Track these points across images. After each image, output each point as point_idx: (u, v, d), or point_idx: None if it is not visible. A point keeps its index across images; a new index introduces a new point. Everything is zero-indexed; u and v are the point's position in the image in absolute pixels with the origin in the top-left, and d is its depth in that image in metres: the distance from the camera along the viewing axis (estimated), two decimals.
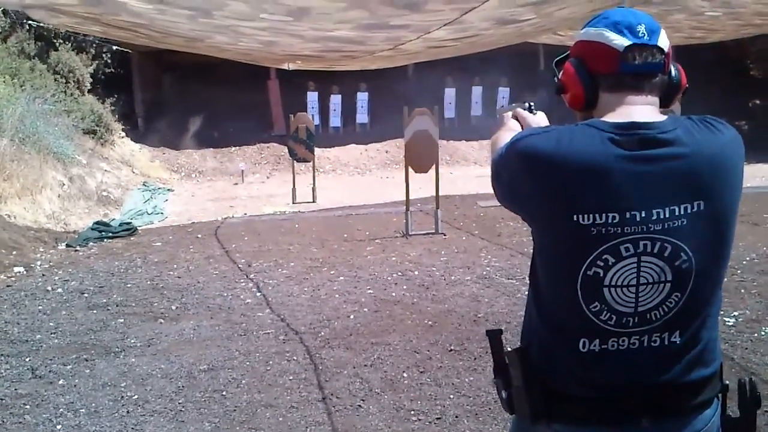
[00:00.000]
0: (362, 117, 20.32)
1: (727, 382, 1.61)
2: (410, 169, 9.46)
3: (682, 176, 1.45)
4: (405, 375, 4.34)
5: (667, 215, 1.44)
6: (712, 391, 1.56)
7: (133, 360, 4.90)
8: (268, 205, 13.07)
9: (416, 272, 7.22)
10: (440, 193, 9.63)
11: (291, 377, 4.39)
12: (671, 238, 1.44)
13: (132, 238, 9.92)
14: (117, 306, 6.37)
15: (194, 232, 10.38)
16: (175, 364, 4.74)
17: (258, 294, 6.63)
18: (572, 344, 1.51)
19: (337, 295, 6.45)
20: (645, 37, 1.50)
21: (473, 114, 20.84)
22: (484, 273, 7.03)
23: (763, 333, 4.92)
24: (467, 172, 17.44)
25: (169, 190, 15.22)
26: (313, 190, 13.43)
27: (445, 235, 9.22)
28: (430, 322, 5.44)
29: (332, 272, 7.41)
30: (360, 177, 17.68)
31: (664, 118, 1.51)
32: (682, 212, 1.44)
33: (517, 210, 1.64)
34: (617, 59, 1.51)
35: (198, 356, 4.88)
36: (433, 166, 9.35)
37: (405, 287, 6.64)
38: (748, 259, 7.12)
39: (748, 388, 1.55)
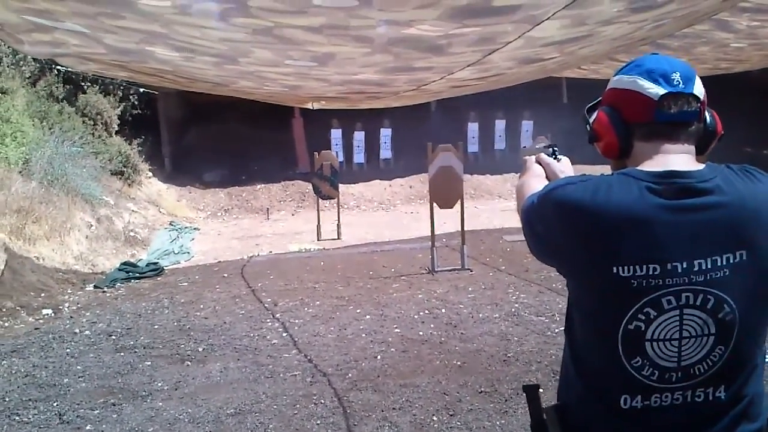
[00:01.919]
0: (386, 153, 20.40)
1: None
2: (435, 205, 9.41)
3: (723, 226, 1.42)
4: (435, 418, 4.27)
5: (709, 266, 1.40)
6: None
7: (161, 404, 4.87)
8: (294, 243, 13.09)
9: (443, 310, 7.16)
10: (465, 228, 9.58)
11: (319, 421, 4.34)
12: (714, 290, 1.41)
13: (159, 279, 9.96)
14: (144, 348, 6.37)
15: (220, 271, 10.41)
16: (202, 408, 4.71)
17: (284, 334, 6.60)
18: (613, 401, 1.46)
19: (363, 335, 6.39)
20: (680, 86, 1.49)
21: (497, 148, 20.85)
22: (513, 310, 6.94)
23: None
24: (492, 206, 17.38)
25: (195, 229, 15.31)
26: (338, 226, 13.44)
27: (471, 270, 9.15)
28: (459, 363, 5.36)
29: (358, 311, 7.36)
30: (384, 213, 17.68)
31: (702, 166, 1.48)
32: (724, 263, 1.40)
33: (553, 262, 1.59)
34: (652, 108, 1.49)
35: (225, 400, 4.85)
36: (459, 202, 9.32)
37: (432, 326, 6.57)
38: None
39: None
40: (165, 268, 10.62)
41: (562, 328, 1.66)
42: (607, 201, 1.43)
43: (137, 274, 9.98)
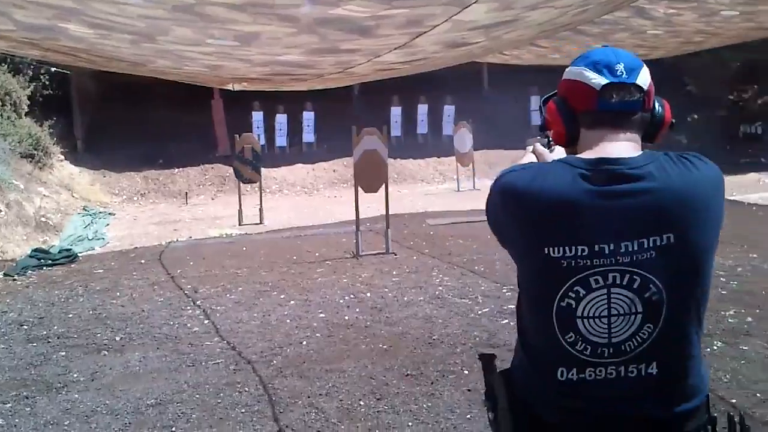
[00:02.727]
0: (309, 136, 20.21)
1: (716, 414, 1.60)
2: (360, 189, 9.36)
3: (650, 210, 1.48)
4: (361, 403, 4.23)
5: (635, 248, 1.47)
6: (697, 424, 1.55)
7: (77, 396, 4.68)
8: (214, 228, 12.83)
9: (368, 294, 7.12)
10: (381, 212, 9.58)
11: (243, 410, 4.24)
12: (640, 270, 1.48)
13: (73, 266, 9.60)
14: (58, 338, 6.12)
15: (137, 257, 10.11)
16: (120, 400, 4.54)
17: (206, 322, 6.44)
18: (551, 373, 1.54)
19: (288, 320, 6.30)
20: (623, 76, 1.55)
21: (419, 132, 20.92)
22: (437, 293, 6.96)
23: None
24: (414, 190, 17.48)
25: (110, 214, 14.84)
26: (260, 211, 13.23)
27: (396, 254, 9.14)
28: (384, 347, 5.34)
29: (282, 296, 7.25)
30: (307, 197, 17.54)
31: (637, 153, 1.55)
32: (650, 245, 1.47)
33: (502, 242, 1.68)
34: (595, 98, 1.56)
35: (145, 390, 4.69)
36: (383, 186, 9.29)
37: (358, 310, 6.53)
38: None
39: (738, 422, 1.55)
40: (79, 254, 10.23)
41: (485, 310, 1.76)
42: (541, 187, 1.52)
43: (49, 261, 9.59)
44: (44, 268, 9.35)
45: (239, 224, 12.98)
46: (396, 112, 20.77)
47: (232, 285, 7.90)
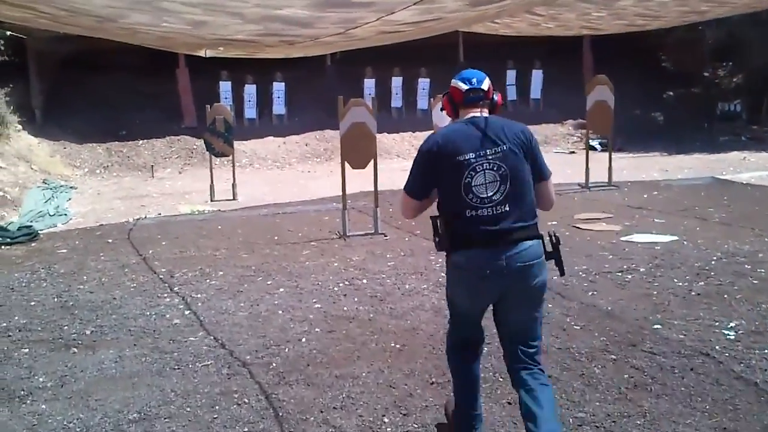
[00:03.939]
0: (279, 108, 19.40)
1: (542, 233, 3.05)
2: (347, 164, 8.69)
3: (494, 135, 2.99)
4: (386, 420, 3.59)
5: (494, 151, 2.97)
6: (531, 233, 2.99)
7: (44, 407, 3.98)
8: (184, 204, 12.06)
9: (364, 280, 6.50)
10: (366, 189, 8.95)
11: (246, 428, 3.59)
12: (496, 161, 2.97)
13: (33, 245, 8.82)
14: (20, 331, 5.41)
15: (104, 235, 9.35)
16: (97, 413, 3.85)
17: (187, 312, 5.76)
18: (463, 214, 2.98)
19: (280, 311, 5.65)
20: (475, 84, 3.07)
21: (394, 105, 20.23)
22: (440, 280, 6.31)
23: None
24: (390, 165, 16.71)
25: (72, 187, 13.96)
26: (233, 186, 12.48)
27: (386, 235, 8.53)
28: (397, 345, 4.71)
29: (269, 282, 6.60)
30: (279, 171, 16.79)
31: (490, 116, 3.10)
32: (499, 149, 2.97)
33: (426, 180, 3.12)
34: (462, 95, 3.09)
35: (125, 400, 4.01)
36: (372, 161, 8.65)
37: (356, 299, 5.91)
38: (714, 259, 6.70)
39: (554, 237, 3.05)
40: (40, 232, 9.44)
41: None
42: (450, 129, 3.12)
43: (8, 240, 8.80)
44: (2, 247, 8.57)
45: (211, 200, 12.24)
46: (370, 84, 20.01)
47: (211, 269, 7.21)
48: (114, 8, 4.77)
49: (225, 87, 18.77)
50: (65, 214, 10.97)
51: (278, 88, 19.25)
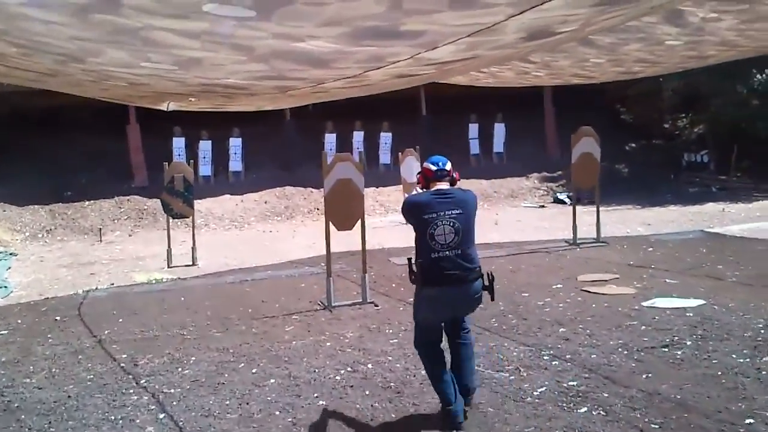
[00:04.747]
0: (236, 165, 18.42)
1: (484, 273, 4.28)
2: (331, 227, 7.76)
3: (453, 203, 4.28)
4: None
5: (450, 213, 4.22)
6: (477, 274, 4.27)
7: None
8: (139, 271, 10.90)
9: (369, 365, 5.52)
10: (336, 250, 8.08)
11: None
12: (452, 219, 4.21)
13: None
14: None
15: (50, 311, 8.17)
16: None
17: (161, 415, 4.69)
18: (429, 256, 4.21)
19: (277, 412, 4.62)
20: (441, 165, 4.45)
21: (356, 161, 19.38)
22: None
23: None
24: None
25: (11, 254, 12.65)
26: (193, 250, 11.38)
27: (376, 305, 7.56)
28: None
29: (254, 371, 5.56)
30: (238, 231, 15.71)
31: (450, 187, 4.44)
32: (455, 212, 4.23)
33: (410, 222, 4.43)
34: (432, 173, 4.45)
35: None
36: (359, 222, 7.74)
37: (367, 392, 4.91)
38: (762, 326, 5.92)
39: (490, 276, 4.34)
40: None
41: (542, 390, 4.73)
42: (419, 199, 4.42)
43: None
44: None
45: (168, 266, 11.11)
46: (331, 139, 19.24)
47: (181, 353, 6.15)
48: (86, 41, 3.86)
49: (178, 143, 17.76)
50: (5, 287, 9.73)
51: (235, 143, 18.31)
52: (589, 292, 7.67)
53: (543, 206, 18.06)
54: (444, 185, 4.41)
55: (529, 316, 6.75)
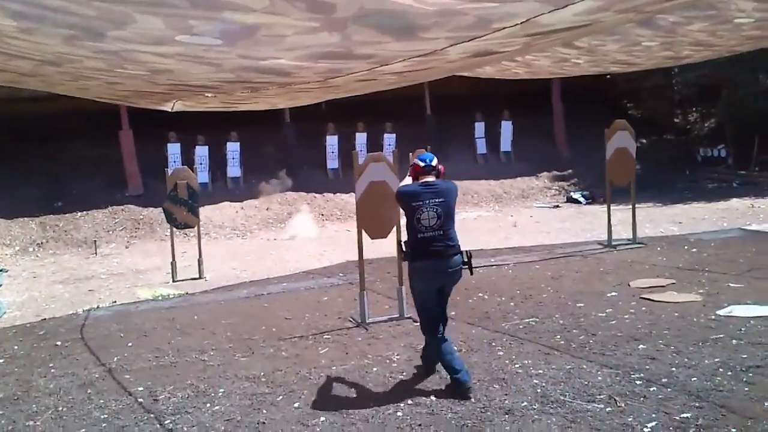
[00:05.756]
0: (234, 170, 17.58)
1: (464, 250, 5.04)
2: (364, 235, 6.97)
3: (437, 192, 5.02)
4: None
5: (434, 201, 4.97)
6: (456, 250, 5.01)
7: None
8: (142, 286, 10.06)
9: (432, 396, 4.73)
10: (346, 258, 7.31)
11: None
12: (436, 207, 4.95)
13: None
14: None
15: (50, 335, 7.33)
16: None
17: None
18: (417, 236, 4.98)
19: None
20: (428, 161, 5.17)
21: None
22: (540, 392, 4.64)
23: None
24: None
25: (2, 270, 11.75)
26: (199, 263, 10.55)
27: (415, 320, 6.74)
28: None
29: (296, 404, 4.77)
30: (241, 240, 14.85)
31: (435, 180, 5.16)
32: (438, 200, 4.98)
33: (403, 208, 5.26)
34: (421, 168, 5.18)
35: None
36: (394, 229, 6.95)
37: None
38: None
39: (468, 253, 5.08)
40: None
41: (653, 426, 3.62)
42: (408, 189, 5.19)
43: None
44: None
45: (173, 280, 10.27)
46: (332, 141, 18.45)
47: (206, 384, 5.34)
48: (114, 2, 3.16)
49: (173, 149, 16.92)
50: None
51: (232, 148, 17.47)
52: (650, 300, 6.92)
53: (557, 206, 17.34)
54: (430, 178, 5.15)
55: (596, 331, 5.98)
